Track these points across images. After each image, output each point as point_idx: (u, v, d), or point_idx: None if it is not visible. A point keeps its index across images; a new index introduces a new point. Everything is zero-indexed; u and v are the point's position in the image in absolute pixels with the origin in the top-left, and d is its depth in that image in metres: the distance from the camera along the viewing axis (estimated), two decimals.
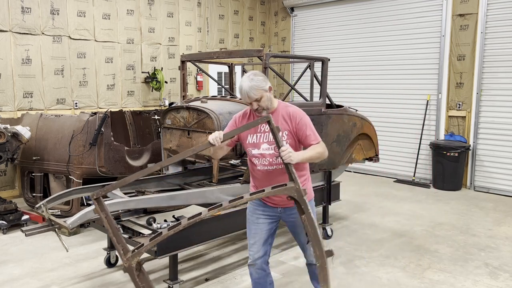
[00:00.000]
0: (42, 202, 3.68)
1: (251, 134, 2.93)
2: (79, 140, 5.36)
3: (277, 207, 3.02)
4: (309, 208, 2.63)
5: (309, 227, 2.61)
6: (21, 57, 6.64)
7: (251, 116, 3.01)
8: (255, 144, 2.92)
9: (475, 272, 4.30)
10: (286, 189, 2.61)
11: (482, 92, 7.46)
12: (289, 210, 3.01)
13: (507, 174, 7.28)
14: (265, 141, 2.91)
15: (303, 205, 2.61)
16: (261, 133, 2.92)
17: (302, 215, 2.63)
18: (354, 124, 5.24)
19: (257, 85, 2.81)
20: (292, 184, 2.60)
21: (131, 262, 2.67)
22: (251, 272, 3.11)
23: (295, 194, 2.60)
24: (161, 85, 8.20)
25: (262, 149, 2.91)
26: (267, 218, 3.04)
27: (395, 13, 8.44)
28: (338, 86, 9.16)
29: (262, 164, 2.93)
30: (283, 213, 3.04)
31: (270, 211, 3.04)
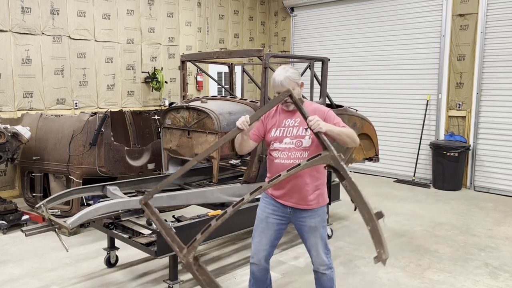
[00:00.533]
0: (42, 202, 3.68)
1: (276, 127, 2.98)
2: (79, 140, 5.36)
3: (287, 206, 2.97)
4: (349, 173, 2.56)
5: (353, 191, 2.54)
6: (21, 57, 6.64)
7: (277, 112, 3.04)
8: (278, 138, 2.96)
9: (475, 272, 4.30)
10: (321, 158, 2.56)
11: (482, 92, 7.47)
12: (299, 213, 2.97)
13: (507, 174, 7.28)
14: (288, 135, 2.95)
15: (342, 171, 2.54)
16: (285, 128, 2.97)
17: (343, 181, 2.56)
18: (354, 124, 5.24)
19: (292, 76, 2.91)
20: (326, 152, 2.55)
21: (188, 257, 2.69)
22: (253, 270, 3.10)
23: (331, 162, 2.54)
24: (161, 85, 8.20)
25: (285, 143, 2.94)
26: (277, 217, 3.01)
27: (395, 13, 8.44)
28: (338, 86, 9.16)
29: (280, 158, 2.95)
30: (292, 214, 3.00)
31: (280, 211, 3.00)
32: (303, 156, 2.89)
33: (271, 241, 3.04)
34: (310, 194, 2.93)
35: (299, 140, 2.91)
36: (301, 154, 2.90)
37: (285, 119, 2.99)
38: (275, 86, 2.93)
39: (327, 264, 3.03)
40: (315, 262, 3.04)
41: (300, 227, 3.02)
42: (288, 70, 2.92)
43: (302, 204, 2.94)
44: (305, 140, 2.90)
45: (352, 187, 2.54)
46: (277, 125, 2.98)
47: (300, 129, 2.92)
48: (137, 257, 4.51)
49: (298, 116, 2.91)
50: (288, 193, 2.94)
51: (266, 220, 3.02)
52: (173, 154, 4.90)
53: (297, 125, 2.93)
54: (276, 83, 2.92)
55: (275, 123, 3.00)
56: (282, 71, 2.93)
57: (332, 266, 3.08)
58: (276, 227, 3.02)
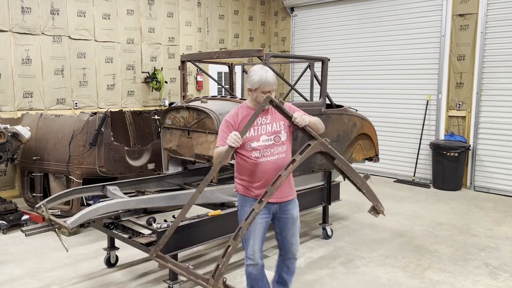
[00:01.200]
0: (42, 202, 3.68)
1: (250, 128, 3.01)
2: (79, 140, 5.36)
3: (273, 203, 3.08)
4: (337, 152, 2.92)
5: (344, 166, 2.92)
6: (21, 57, 6.64)
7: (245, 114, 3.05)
8: (255, 137, 3.02)
9: (475, 272, 4.30)
10: (313, 148, 2.79)
11: (482, 92, 7.46)
12: (284, 207, 3.12)
13: (507, 174, 7.28)
14: (263, 133, 3.03)
15: (332, 153, 2.88)
16: (258, 126, 3.03)
17: (335, 161, 2.90)
18: (354, 124, 5.24)
19: (275, 75, 3.04)
20: (315, 141, 2.82)
21: (218, 285, 2.75)
22: (251, 271, 3.14)
23: (322, 148, 2.82)
24: (161, 85, 8.20)
25: (262, 141, 3.01)
26: (264, 216, 3.10)
27: (395, 13, 8.44)
28: (338, 86, 9.16)
29: (265, 156, 3.01)
30: (278, 209, 3.12)
31: (266, 209, 3.09)
32: (284, 150, 3.05)
33: (263, 239, 3.14)
34: (288, 186, 3.12)
35: (276, 135, 3.04)
36: (282, 148, 3.05)
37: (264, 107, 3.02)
38: (268, 84, 2.95)
39: (298, 249, 3.32)
40: (293, 250, 3.23)
41: (285, 220, 3.15)
42: (268, 69, 3.01)
43: (285, 197, 3.10)
44: (282, 135, 3.06)
45: (343, 162, 2.93)
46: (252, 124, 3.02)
47: (274, 125, 3.04)
48: (137, 257, 4.51)
49: (268, 114, 3.05)
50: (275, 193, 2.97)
51: (256, 222, 3.05)
52: (173, 154, 4.90)
53: (270, 122, 3.04)
54: (270, 81, 2.96)
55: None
56: (266, 70, 2.98)
57: None
58: (265, 225, 3.13)
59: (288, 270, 3.32)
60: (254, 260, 3.09)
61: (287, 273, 3.33)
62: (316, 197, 5.07)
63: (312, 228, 5.50)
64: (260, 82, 2.94)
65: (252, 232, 3.09)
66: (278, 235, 3.23)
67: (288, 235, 3.18)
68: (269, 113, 3.06)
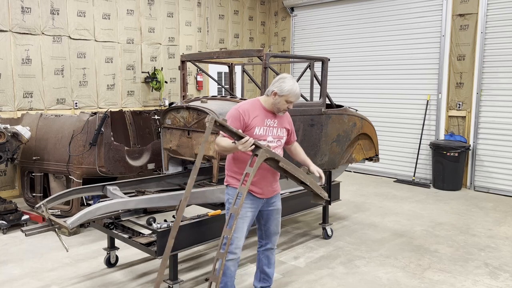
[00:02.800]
0: (42, 202, 3.68)
1: (259, 126, 3.19)
2: (79, 140, 5.35)
3: (263, 198, 3.27)
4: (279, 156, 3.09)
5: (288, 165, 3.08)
6: (21, 57, 6.64)
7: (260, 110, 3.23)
8: (262, 136, 3.19)
9: (475, 272, 4.30)
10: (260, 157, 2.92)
11: (482, 92, 7.47)
12: (270, 200, 3.34)
13: (507, 174, 7.28)
14: (270, 135, 3.22)
15: (276, 157, 3.01)
16: (267, 127, 3.22)
17: (279, 163, 3.04)
18: (354, 124, 5.24)
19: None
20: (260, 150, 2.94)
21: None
22: (229, 266, 3.21)
23: (268, 155, 2.95)
24: (161, 85, 8.20)
25: (268, 141, 3.19)
26: (253, 210, 3.24)
27: (395, 13, 8.44)
28: (338, 86, 9.17)
29: None
30: (265, 203, 3.31)
31: (256, 203, 3.25)
32: (280, 153, 3.28)
33: (246, 233, 3.25)
34: (274, 182, 3.34)
35: (279, 139, 3.29)
36: (280, 151, 3.31)
37: (266, 118, 3.22)
38: (295, 96, 3.16)
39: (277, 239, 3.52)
40: (274, 240, 3.46)
41: (270, 212, 3.36)
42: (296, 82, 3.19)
43: (273, 192, 3.34)
44: (282, 140, 3.33)
45: (286, 162, 3.09)
46: (260, 123, 3.19)
47: (279, 130, 3.28)
48: (137, 257, 4.51)
49: (278, 118, 3.27)
50: (267, 188, 3.27)
51: (245, 215, 3.20)
52: (173, 154, 4.90)
53: (276, 126, 3.28)
54: (298, 95, 3.19)
55: (258, 121, 3.18)
56: (295, 81, 3.18)
57: None
58: (252, 219, 3.27)
59: (269, 262, 3.48)
60: (236, 254, 3.20)
61: (268, 265, 3.47)
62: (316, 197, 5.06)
63: (312, 228, 5.50)
64: (289, 91, 3.12)
65: (240, 226, 3.18)
66: (263, 226, 3.42)
67: (272, 225, 3.40)
68: (277, 117, 3.27)
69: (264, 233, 3.44)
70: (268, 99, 3.23)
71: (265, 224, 3.41)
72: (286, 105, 3.18)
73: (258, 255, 3.52)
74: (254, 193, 3.22)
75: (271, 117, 3.24)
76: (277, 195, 3.41)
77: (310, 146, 4.68)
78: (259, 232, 3.48)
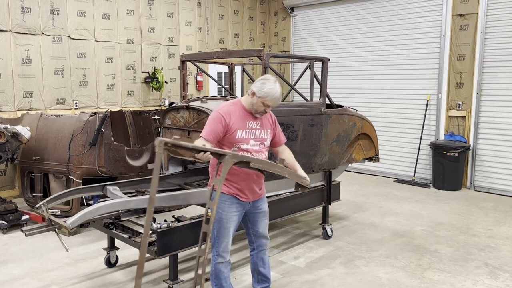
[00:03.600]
0: (42, 202, 3.68)
1: (241, 129, 3.09)
2: (79, 140, 5.35)
3: (249, 201, 3.22)
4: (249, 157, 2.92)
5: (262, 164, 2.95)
6: (21, 57, 6.64)
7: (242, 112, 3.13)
8: (245, 140, 3.11)
9: (475, 272, 4.30)
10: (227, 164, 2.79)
11: (482, 92, 7.47)
12: (256, 203, 3.28)
13: (507, 174, 7.28)
14: (252, 138, 3.13)
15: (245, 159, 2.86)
16: (249, 130, 3.12)
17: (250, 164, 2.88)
18: (354, 124, 5.24)
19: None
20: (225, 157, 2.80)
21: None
22: (221, 269, 3.22)
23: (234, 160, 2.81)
24: (161, 85, 8.20)
25: (251, 145, 3.12)
26: (238, 214, 3.21)
27: (395, 13, 8.44)
28: (338, 86, 9.17)
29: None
30: (251, 207, 3.27)
31: (242, 207, 3.22)
32: (265, 157, 3.22)
33: (232, 236, 3.24)
34: (260, 186, 3.29)
35: (262, 142, 3.19)
36: (264, 154, 3.22)
37: (248, 120, 3.12)
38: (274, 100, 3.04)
39: (269, 240, 3.47)
40: (265, 241, 3.40)
41: (256, 214, 3.31)
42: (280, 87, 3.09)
43: (260, 195, 3.29)
44: (266, 142, 3.23)
45: (259, 161, 2.96)
46: (241, 126, 3.08)
47: (262, 132, 3.18)
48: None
49: (258, 120, 3.14)
50: (252, 192, 3.21)
51: (232, 219, 3.17)
52: (173, 154, 4.90)
53: (259, 128, 3.15)
54: (277, 100, 3.06)
55: (239, 124, 3.08)
56: (278, 86, 3.07)
57: None
58: (237, 222, 3.24)
59: (264, 263, 3.43)
60: (225, 258, 3.20)
61: (264, 266, 3.44)
62: (316, 197, 5.07)
63: (312, 228, 5.50)
64: (267, 94, 3.01)
65: (226, 230, 3.16)
66: (250, 229, 3.37)
67: (260, 228, 3.35)
68: (259, 119, 3.17)
69: (253, 236, 3.40)
70: (248, 99, 3.12)
71: (252, 227, 3.36)
72: (263, 108, 3.06)
73: (251, 258, 3.48)
74: (240, 197, 3.17)
75: (253, 119, 3.13)
76: (263, 198, 3.36)
77: (310, 146, 4.68)
78: (248, 236, 3.43)
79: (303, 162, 4.66)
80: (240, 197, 3.17)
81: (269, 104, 3.04)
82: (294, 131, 4.43)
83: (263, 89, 3.00)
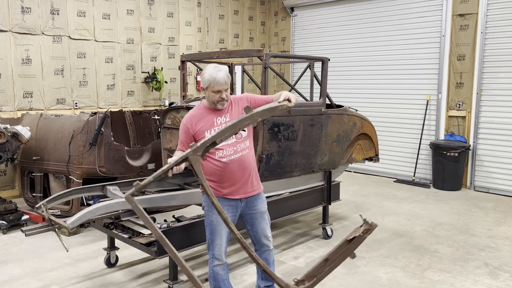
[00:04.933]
0: (42, 202, 3.68)
1: (209, 129, 2.99)
2: (79, 140, 5.36)
3: (240, 199, 3.10)
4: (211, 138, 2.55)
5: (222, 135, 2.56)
6: (21, 57, 6.64)
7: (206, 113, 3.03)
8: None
9: (475, 272, 4.30)
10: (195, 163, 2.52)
11: (482, 92, 7.46)
12: (251, 202, 3.14)
13: (507, 174, 7.28)
14: None
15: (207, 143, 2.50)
16: (219, 126, 2.99)
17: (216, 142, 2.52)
18: (354, 124, 5.24)
19: (228, 73, 2.95)
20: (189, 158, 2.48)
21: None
22: (218, 271, 3.18)
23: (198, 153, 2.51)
24: (161, 85, 8.20)
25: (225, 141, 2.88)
26: (231, 214, 3.10)
27: (395, 13, 8.44)
28: (338, 86, 9.16)
29: (228, 156, 2.99)
30: (245, 206, 3.13)
31: (234, 206, 3.11)
32: (246, 146, 3.05)
33: (227, 237, 3.16)
34: (254, 180, 3.13)
35: (238, 133, 2.96)
36: (244, 144, 3.05)
37: (215, 117, 3.01)
38: (218, 84, 2.88)
39: (271, 240, 3.33)
40: (267, 242, 3.27)
41: (252, 215, 3.18)
42: (221, 70, 2.92)
43: (252, 192, 3.11)
44: (243, 132, 3.03)
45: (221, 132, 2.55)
46: (209, 126, 2.99)
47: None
48: (137, 257, 4.51)
49: (227, 112, 3.01)
50: (240, 188, 3.06)
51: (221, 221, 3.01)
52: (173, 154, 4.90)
53: (229, 120, 2.97)
54: (220, 81, 2.88)
55: (205, 125, 2.99)
56: (218, 69, 2.91)
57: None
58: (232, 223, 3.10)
59: (268, 263, 3.34)
60: (222, 260, 3.15)
61: (268, 265, 3.34)
62: (316, 197, 5.07)
63: (312, 228, 5.50)
64: (210, 81, 2.89)
65: (219, 233, 3.10)
66: (250, 230, 3.28)
67: (259, 230, 3.23)
68: (228, 111, 3.03)
69: (254, 237, 3.29)
70: (205, 97, 3.04)
71: (251, 229, 3.26)
72: (217, 96, 2.91)
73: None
74: (226, 196, 3.06)
75: (221, 114, 3.00)
76: (258, 196, 3.19)
77: (310, 146, 4.68)
78: (250, 237, 3.33)
79: (303, 162, 4.67)
80: (226, 195, 3.06)
81: (218, 89, 2.89)
82: (294, 131, 4.43)
83: (204, 78, 2.91)
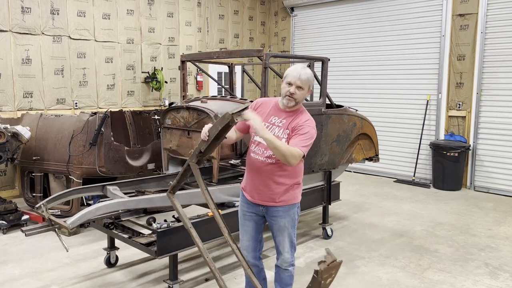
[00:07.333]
0: (42, 202, 3.68)
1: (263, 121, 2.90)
2: (79, 140, 5.36)
3: (260, 205, 3.04)
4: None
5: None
6: (21, 57, 6.64)
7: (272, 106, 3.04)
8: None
9: (475, 272, 4.30)
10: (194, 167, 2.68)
11: (482, 92, 7.47)
12: (271, 212, 3.03)
13: (507, 174, 7.28)
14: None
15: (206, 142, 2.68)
16: (270, 124, 2.98)
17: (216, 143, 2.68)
18: (354, 124, 5.24)
19: (311, 76, 2.91)
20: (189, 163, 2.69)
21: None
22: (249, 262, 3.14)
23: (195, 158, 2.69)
24: (161, 85, 8.19)
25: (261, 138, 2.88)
26: (251, 214, 3.11)
27: (395, 13, 8.44)
28: (338, 86, 9.17)
29: (256, 152, 2.99)
30: (265, 212, 3.06)
31: (253, 208, 3.09)
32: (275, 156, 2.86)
33: (254, 237, 3.14)
34: (278, 192, 2.97)
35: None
36: (269, 153, 2.90)
37: (272, 115, 3.00)
38: (293, 76, 2.85)
39: (290, 261, 3.13)
40: (280, 258, 3.14)
41: (271, 225, 3.10)
42: (306, 68, 2.92)
43: (270, 202, 2.99)
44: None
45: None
46: (264, 118, 2.97)
47: (282, 130, 2.92)
48: (137, 257, 4.51)
49: (285, 118, 2.95)
50: (255, 192, 3.02)
51: (243, 217, 3.14)
52: (173, 154, 4.90)
53: (281, 125, 2.94)
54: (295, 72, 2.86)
55: (263, 116, 2.98)
56: (302, 66, 2.93)
57: (294, 263, 3.19)
58: (253, 223, 3.12)
59: (280, 280, 3.19)
60: (246, 256, 3.10)
61: (280, 283, 3.20)
62: (316, 197, 5.07)
63: (312, 228, 5.50)
64: (288, 71, 2.92)
65: (243, 227, 3.16)
66: (272, 237, 3.20)
67: (276, 241, 3.13)
68: (286, 118, 2.95)
69: (275, 246, 3.17)
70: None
71: (272, 237, 3.16)
72: (287, 88, 2.89)
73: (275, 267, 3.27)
74: (245, 195, 3.12)
75: (279, 115, 2.97)
76: (281, 209, 3.00)
77: None
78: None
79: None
80: (247, 195, 3.09)
81: (290, 81, 2.87)
82: None
83: (288, 71, 2.94)
